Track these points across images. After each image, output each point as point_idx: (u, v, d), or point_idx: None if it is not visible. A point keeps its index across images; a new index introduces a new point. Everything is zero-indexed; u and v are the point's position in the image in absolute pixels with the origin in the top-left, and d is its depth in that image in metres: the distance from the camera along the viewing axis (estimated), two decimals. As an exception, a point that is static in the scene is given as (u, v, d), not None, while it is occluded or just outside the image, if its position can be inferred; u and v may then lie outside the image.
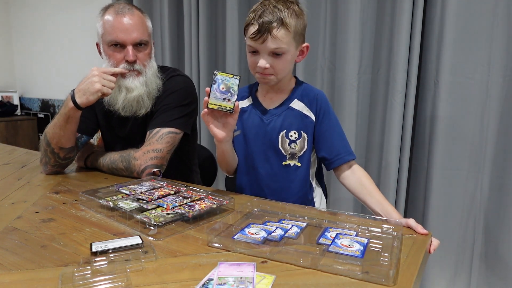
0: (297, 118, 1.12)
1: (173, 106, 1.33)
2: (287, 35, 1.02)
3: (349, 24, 1.78)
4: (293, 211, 0.96)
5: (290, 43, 1.04)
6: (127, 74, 1.29)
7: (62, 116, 1.25)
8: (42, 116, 3.83)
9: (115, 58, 1.28)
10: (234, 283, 0.61)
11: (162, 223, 0.85)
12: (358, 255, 0.73)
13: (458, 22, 1.57)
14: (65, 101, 1.27)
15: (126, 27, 1.26)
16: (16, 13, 3.93)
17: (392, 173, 1.75)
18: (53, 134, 1.27)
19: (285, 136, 1.12)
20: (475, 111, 1.60)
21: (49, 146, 1.28)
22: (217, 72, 0.98)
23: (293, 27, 1.02)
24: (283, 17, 1.00)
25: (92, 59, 3.21)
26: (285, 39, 1.02)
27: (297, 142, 1.12)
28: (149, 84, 1.31)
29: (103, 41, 1.29)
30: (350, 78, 1.81)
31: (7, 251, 0.74)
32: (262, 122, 1.14)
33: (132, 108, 1.31)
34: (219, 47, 2.31)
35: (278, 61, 1.05)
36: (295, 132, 1.12)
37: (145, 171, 1.23)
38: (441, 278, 1.73)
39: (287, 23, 1.01)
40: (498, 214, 1.60)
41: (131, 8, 1.30)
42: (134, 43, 1.28)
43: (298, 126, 1.12)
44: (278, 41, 1.01)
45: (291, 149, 1.12)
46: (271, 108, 1.15)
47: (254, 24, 1.02)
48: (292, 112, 1.13)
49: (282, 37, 1.01)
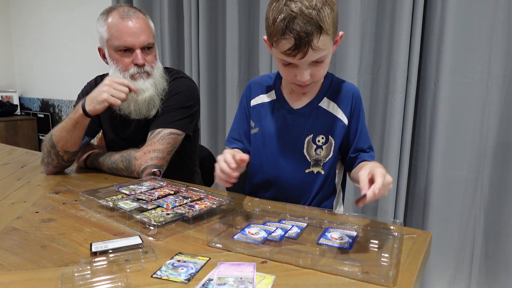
0: (326, 120, 1.01)
1: (175, 107, 1.33)
2: (328, 40, 0.87)
3: (349, 24, 1.78)
4: (294, 211, 0.96)
5: (330, 45, 0.90)
6: (137, 76, 1.29)
7: (71, 120, 1.25)
8: (42, 116, 3.83)
9: (124, 62, 1.28)
10: (234, 283, 0.61)
11: (162, 223, 0.84)
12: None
13: (458, 22, 1.57)
14: (76, 106, 1.27)
15: (134, 31, 1.26)
16: (16, 13, 3.93)
17: (392, 173, 1.75)
18: (60, 137, 1.27)
19: (312, 141, 1.02)
20: (475, 111, 1.60)
21: (54, 148, 1.28)
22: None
23: (331, 27, 0.86)
24: (322, 22, 0.83)
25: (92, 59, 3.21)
26: (327, 45, 0.88)
27: (323, 147, 1.02)
28: (157, 85, 1.32)
29: (109, 46, 1.28)
30: (350, 78, 1.81)
31: (7, 251, 0.74)
32: (286, 123, 1.03)
33: (143, 110, 1.31)
34: (219, 47, 2.31)
35: (319, 69, 0.92)
36: (322, 137, 1.01)
37: (145, 171, 1.23)
38: (441, 278, 1.73)
39: (327, 28, 0.85)
40: (498, 214, 1.60)
41: (136, 11, 1.30)
42: (142, 46, 1.28)
43: (326, 130, 1.01)
44: (320, 51, 0.87)
45: (317, 155, 1.02)
46: (298, 108, 1.03)
47: (287, 38, 0.84)
48: (322, 113, 1.01)
49: (323, 45, 0.86)
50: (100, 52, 1.35)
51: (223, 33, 2.23)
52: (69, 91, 3.52)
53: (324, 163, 1.04)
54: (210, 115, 2.37)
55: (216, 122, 2.41)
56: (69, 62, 3.49)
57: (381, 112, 1.82)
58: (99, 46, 1.34)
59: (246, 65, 2.21)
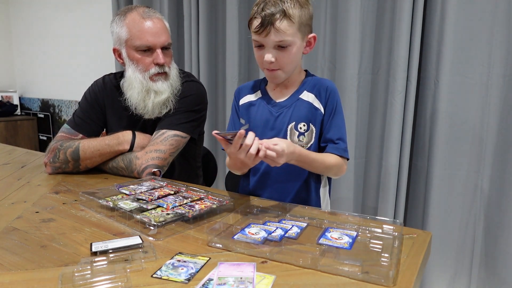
0: (306, 109, 1.09)
1: (183, 110, 1.34)
2: (291, 27, 1.00)
3: (349, 24, 1.78)
4: (294, 211, 0.96)
5: (295, 35, 1.01)
6: (156, 77, 1.31)
7: (111, 148, 1.28)
8: (42, 116, 3.84)
9: (145, 62, 1.29)
10: (234, 283, 0.61)
11: (162, 223, 0.85)
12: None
13: (458, 22, 1.57)
14: (121, 136, 1.30)
15: (155, 31, 1.27)
16: (16, 13, 3.93)
17: (392, 173, 1.75)
18: (90, 156, 1.28)
19: (294, 128, 1.09)
20: (475, 111, 1.60)
21: (77, 161, 1.29)
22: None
23: (297, 18, 1.00)
24: (286, 8, 0.98)
25: (92, 59, 3.21)
26: (289, 31, 1.00)
27: (305, 134, 1.09)
28: (173, 85, 1.33)
29: (129, 46, 1.29)
30: (350, 78, 1.81)
31: (7, 251, 0.74)
32: (271, 114, 1.12)
33: (156, 110, 1.32)
34: (219, 47, 2.31)
35: (283, 54, 1.03)
36: (304, 124, 1.09)
37: (145, 171, 1.24)
38: (441, 278, 1.73)
39: (290, 14, 0.98)
40: (498, 214, 1.60)
41: (155, 12, 1.32)
42: (163, 47, 1.29)
43: (307, 117, 1.09)
44: (282, 33, 0.99)
45: (299, 142, 1.09)
46: (281, 101, 1.13)
47: (257, 17, 1.01)
48: (302, 103, 1.10)
49: (285, 29, 0.99)
50: (115, 53, 1.36)
51: (223, 33, 2.24)
52: (69, 91, 3.52)
53: (306, 148, 1.09)
54: (210, 114, 2.37)
55: (216, 122, 2.41)
56: (69, 62, 3.49)
57: (381, 112, 1.82)
58: (115, 47, 1.34)
59: (246, 65, 2.22)
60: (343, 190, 1.88)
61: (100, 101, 1.41)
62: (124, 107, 1.34)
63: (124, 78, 1.35)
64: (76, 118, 1.40)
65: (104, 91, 1.41)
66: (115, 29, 1.31)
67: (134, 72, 1.30)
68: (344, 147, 1.10)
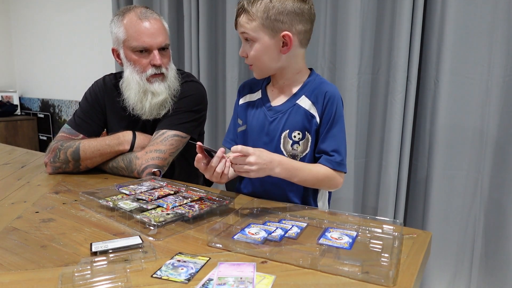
0: (302, 116, 1.04)
1: (183, 110, 1.34)
2: (250, 22, 1.00)
3: (349, 24, 1.78)
4: (294, 211, 0.96)
5: (257, 31, 1.00)
6: (153, 79, 1.30)
7: (111, 148, 1.28)
8: (42, 116, 3.83)
9: (141, 63, 1.29)
10: (234, 283, 0.61)
11: (162, 223, 0.85)
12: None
13: (458, 22, 1.57)
14: (121, 136, 1.30)
15: (152, 32, 1.27)
16: (16, 13, 3.93)
17: (392, 173, 1.75)
18: (91, 156, 1.28)
19: (288, 137, 1.05)
20: (475, 111, 1.60)
21: (77, 161, 1.29)
22: None
23: (259, 13, 0.98)
24: (248, 7, 1.00)
25: (92, 59, 3.21)
26: (249, 26, 1.00)
27: (300, 143, 1.05)
28: (171, 87, 1.33)
29: (126, 46, 1.29)
30: (350, 78, 1.81)
31: (7, 251, 0.74)
32: (266, 119, 1.08)
33: (154, 111, 1.32)
34: (219, 47, 2.31)
35: (250, 48, 1.04)
36: (299, 133, 1.05)
37: (145, 171, 1.24)
38: (441, 278, 1.73)
39: (249, 10, 1.00)
40: (498, 214, 1.60)
41: (152, 12, 1.31)
42: (160, 47, 1.29)
43: (303, 125, 1.04)
44: (242, 27, 1.02)
45: (293, 150, 1.05)
46: (277, 105, 1.08)
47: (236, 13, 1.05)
48: (298, 110, 1.05)
49: (245, 23, 1.01)
50: (114, 53, 1.36)
51: (223, 33, 2.23)
52: (69, 91, 3.52)
53: (300, 158, 1.06)
54: (210, 114, 2.36)
55: (216, 122, 2.41)
56: (69, 62, 3.49)
57: (381, 112, 1.82)
58: (114, 47, 1.34)
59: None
60: (343, 190, 1.88)
61: (101, 101, 1.41)
62: (124, 107, 1.34)
63: (123, 79, 1.35)
64: (76, 118, 1.41)
65: (104, 91, 1.41)
66: (113, 30, 1.31)
67: (132, 73, 1.30)
68: (340, 160, 1.03)
